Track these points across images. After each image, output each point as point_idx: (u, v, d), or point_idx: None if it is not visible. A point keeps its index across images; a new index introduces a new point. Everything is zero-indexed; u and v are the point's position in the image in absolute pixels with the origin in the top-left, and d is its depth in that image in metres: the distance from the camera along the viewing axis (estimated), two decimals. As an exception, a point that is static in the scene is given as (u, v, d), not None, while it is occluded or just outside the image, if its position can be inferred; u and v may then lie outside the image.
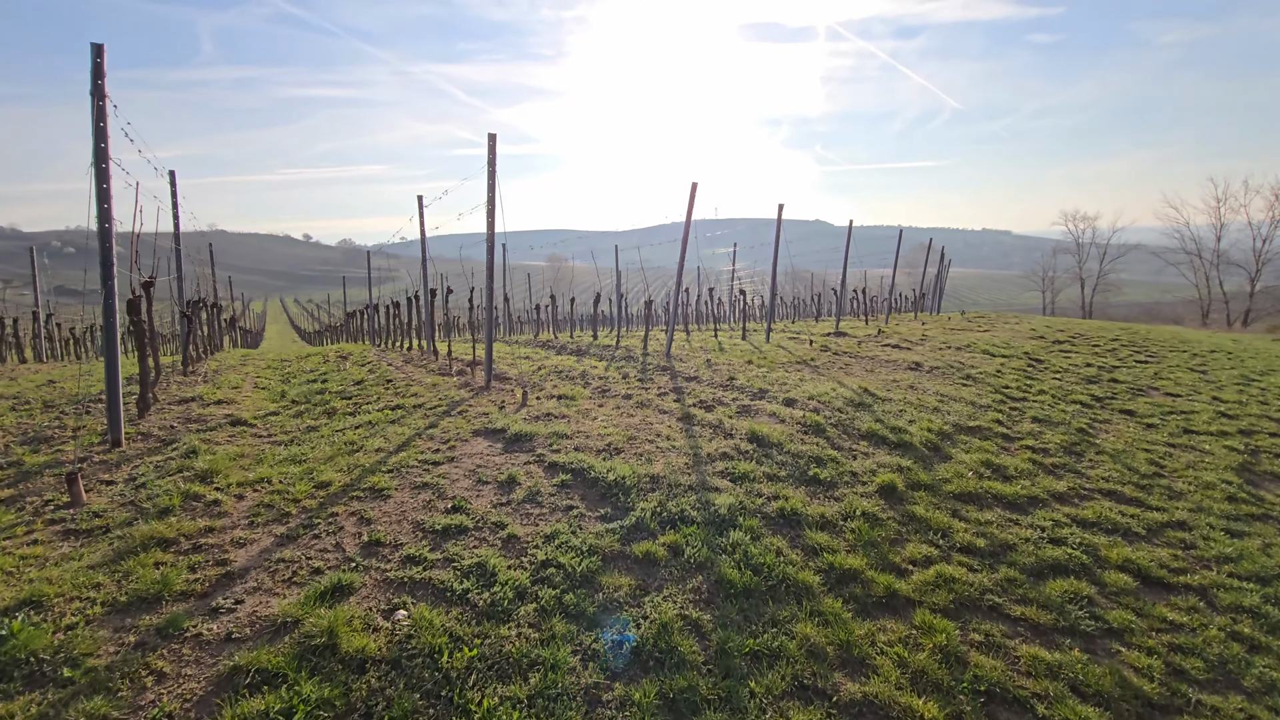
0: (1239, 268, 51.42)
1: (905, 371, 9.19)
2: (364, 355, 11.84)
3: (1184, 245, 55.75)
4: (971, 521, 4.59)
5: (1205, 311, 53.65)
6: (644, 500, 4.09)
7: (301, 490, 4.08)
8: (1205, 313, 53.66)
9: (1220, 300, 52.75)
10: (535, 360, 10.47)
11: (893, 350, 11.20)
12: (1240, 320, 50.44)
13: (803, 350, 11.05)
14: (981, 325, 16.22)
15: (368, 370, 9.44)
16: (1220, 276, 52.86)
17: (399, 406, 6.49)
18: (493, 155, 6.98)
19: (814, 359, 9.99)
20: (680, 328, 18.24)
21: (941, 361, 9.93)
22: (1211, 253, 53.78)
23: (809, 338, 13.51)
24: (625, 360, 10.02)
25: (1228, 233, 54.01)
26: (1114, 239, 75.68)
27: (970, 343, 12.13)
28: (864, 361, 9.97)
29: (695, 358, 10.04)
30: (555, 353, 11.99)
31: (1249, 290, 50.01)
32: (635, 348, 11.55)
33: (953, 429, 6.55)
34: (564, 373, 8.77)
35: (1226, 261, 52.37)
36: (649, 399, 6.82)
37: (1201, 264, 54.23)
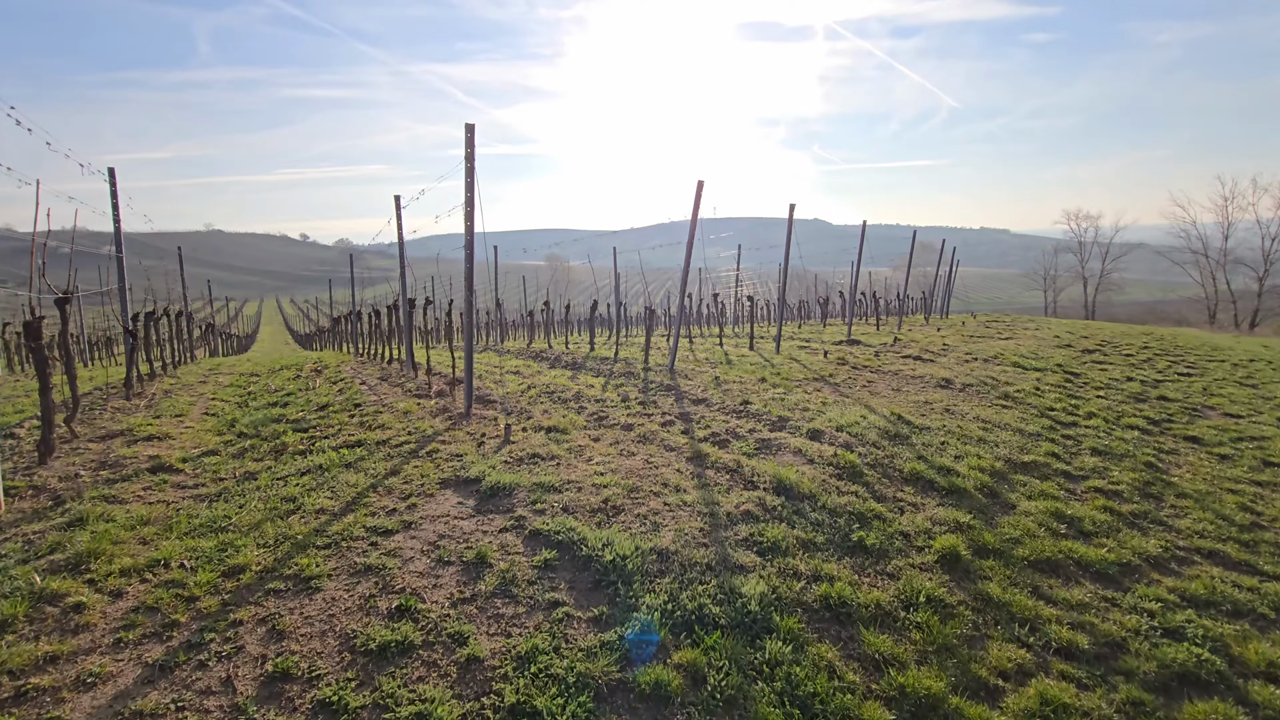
0: (1246, 267, 50.61)
1: (936, 390, 8.26)
2: (339, 369, 10.88)
3: (1190, 244, 54.96)
4: (1061, 604, 3.66)
5: (1212, 312, 52.83)
6: (650, 591, 3.16)
7: (204, 581, 3.13)
8: (1212, 313, 52.85)
9: (1228, 300, 51.93)
10: (525, 376, 9.52)
11: (915, 363, 10.27)
12: (1248, 321, 49.66)
13: (818, 363, 10.12)
14: (1001, 331, 15.31)
15: (338, 390, 8.49)
16: (1227, 276, 52.05)
17: (360, 443, 5.54)
18: (471, 149, 6.04)
19: (832, 374, 9.05)
20: (683, 334, 17.31)
21: (973, 377, 9.00)
22: (1218, 252, 52.98)
23: (821, 347, 12.57)
24: (625, 376, 9.08)
25: (1234, 231, 53.23)
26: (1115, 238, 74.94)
27: (997, 353, 11.21)
28: (887, 377, 9.04)
29: (701, 373, 9.10)
30: (549, 366, 11.05)
31: (1257, 290, 49.20)
32: (635, 360, 10.61)
33: (1006, 466, 5.62)
34: (556, 393, 7.83)
35: (1234, 261, 51.55)
36: (652, 430, 5.88)
37: (1208, 263, 53.43)
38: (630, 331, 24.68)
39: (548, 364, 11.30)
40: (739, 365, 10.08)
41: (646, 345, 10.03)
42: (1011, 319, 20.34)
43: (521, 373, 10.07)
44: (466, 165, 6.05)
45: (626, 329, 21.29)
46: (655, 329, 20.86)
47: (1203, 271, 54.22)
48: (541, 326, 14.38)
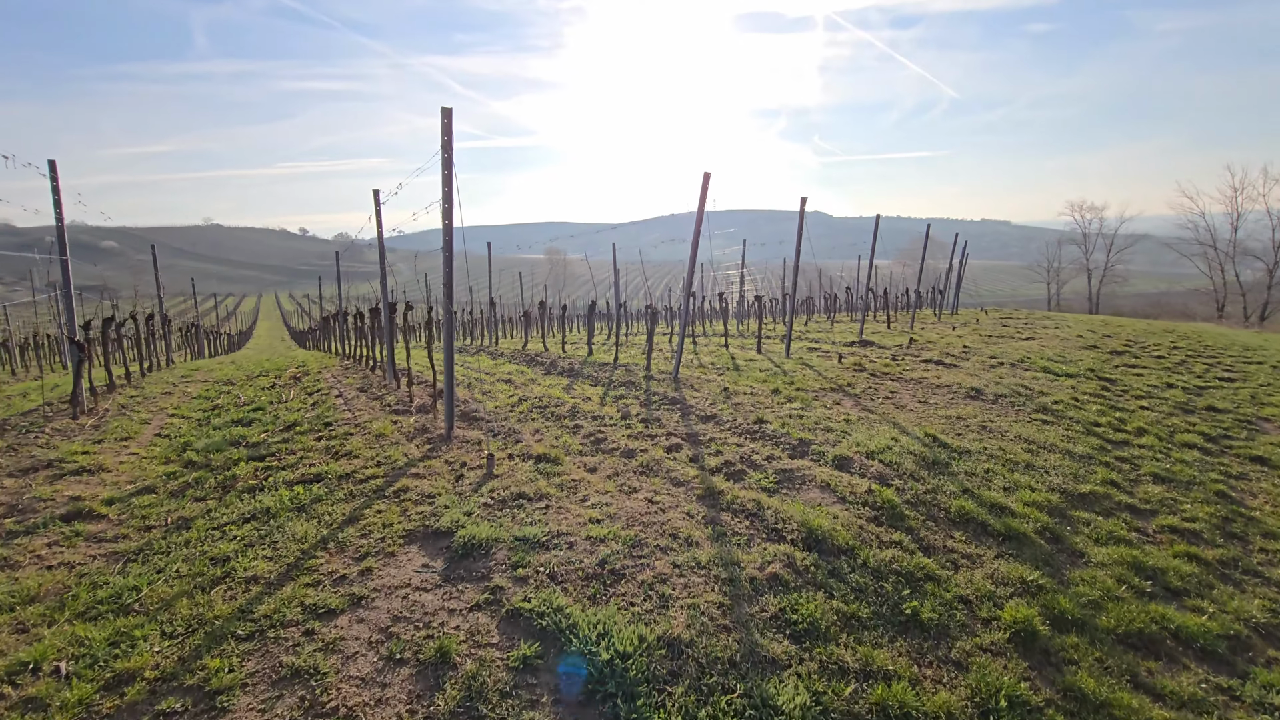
0: (1256, 259, 49.77)
1: (967, 402, 7.53)
2: (319, 377, 10.13)
3: (1198, 236, 54.09)
4: (1169, 699, 2.94)
5: (1220, 305, 52.04)
6: (660, 708, 2.43)
7: (75, 699, 2.40)
8: (1220, 306, 52.06)
9: (1237, 293, 51.11)
10: (517, 386, 8.78)
11: (938, 369, 9.53)
12: (1258, 313, 48.87)
13: (832, 370, 9.38)
14: (1019, 330, 14.55)
15: (311, 404, 7.75)
16: (1236, 268, 51.23)
17: (320, 477, 4.80)
18: (448, 137, 5.27)
19: (850, 383, 8.31)
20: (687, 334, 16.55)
21: (1003, 386, 8.27)
22: (1227, 243, 52.12)
23: (833, 349, 11.84)
24: (625, 386, 8.35)
25: (1243, 223, 52.33)
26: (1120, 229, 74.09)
27: (1022, 356, 10.47)
28: (910, 386, 8.30)
29: (708, 382, 8.37)
30: (544, 373, 10.31)
31: (1266, 282, 48.37)
32: (636, 366, 9.86)
33: (1063, 500, 4.89)
34: (550, 408, 7.10)
35: (1243, 253, 50.71)
36: (656, 459, 5.15)
37: (1216, 255, 52.57)
38: (630, 329, 23.92)
39: (542, 370, 10.56)
40: (748, 372, 9.35)
41: (649, 350, 9.30)
42: (1026, 315, 19.59)
43: (514, 381, 9.33)
44: (443, 156, 5.28)
45: (627, 325, 20.56)
46: (657, 327, 20.07)
47: (1211, 264, 53.39)
48: (538, 325, 13.64)
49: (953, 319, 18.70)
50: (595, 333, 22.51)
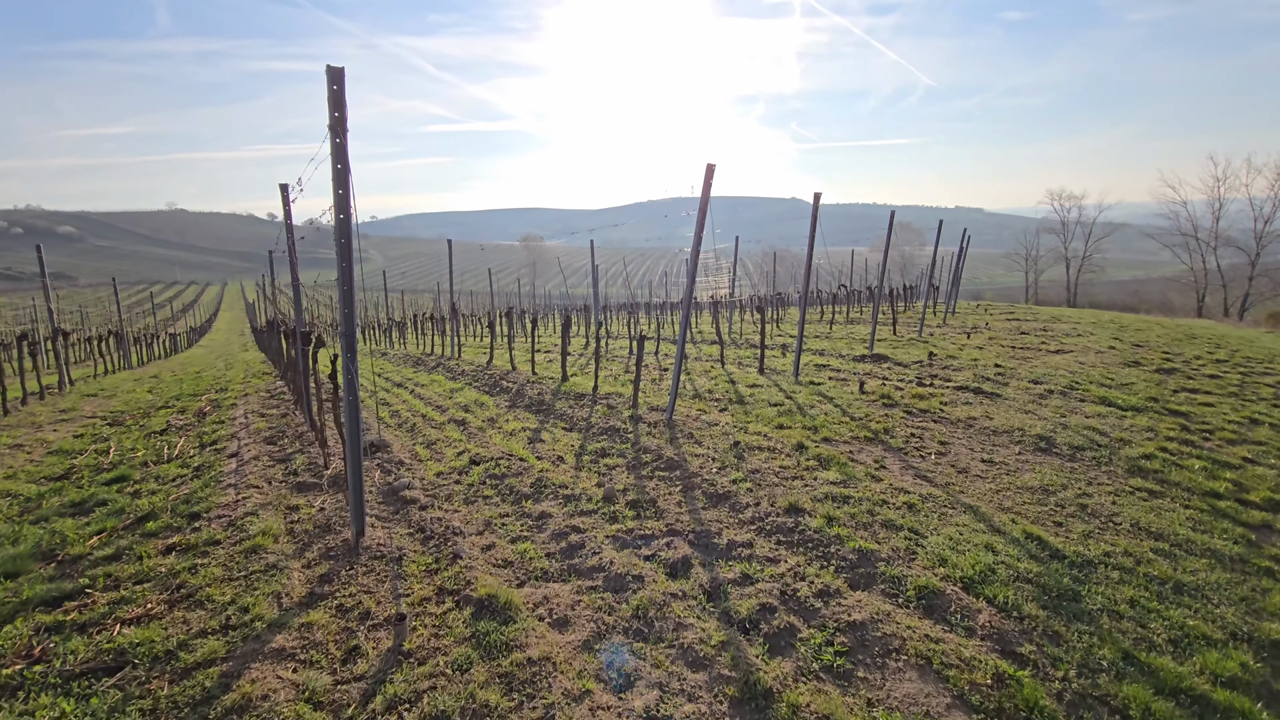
0: (1239, 249, 49.58)
1: (1039, 458, 5.96)
2: (231, 413, 8.24)
3: (1180, 226, 53.83)
4: None
5: (1201, 296, 51.91)
6: None
7: None
8: (1201, 297, 51.94)
9: (1217, 283, 50.96)
10: (471, 433, 7.01)
11: (980, 401, 7.98)
12: (1239, 306, 48.79)
13: (856, 403, 7.78)
14: (1043, 339, 13.13)
15: (195, 469, 5.89)
16: (1218, 259, 51.02)
17: (122, 662, 3.01)
18: (339, 111, 3.45)
19: (888, 429, 6.70)
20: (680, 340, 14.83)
21: (1072, 431, 6.73)
22: (1209, 233, 51.88)
23: (845, 367, 10.26)
24: (607, 435, 6.63)
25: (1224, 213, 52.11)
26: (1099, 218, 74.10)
27: (1070, 382, 8.97)
28: (960, 432, 6.72)
29: (711, 427, 6.69)
30: (507, 404, 8.54)
31: (1249, 274, 48.21)
32: (620, 398, 8.15)
33: (1259, 662, 3.32)
34: (508, 478, 5.37)
35: (1225, 243, 50.50)
36: (656, 597, 3.46)
37: (1198, 245, 52.34)
38: (612, 330, 22.06)
39: (507, 401, 8.78)
40: (755, 407, 7.70)
41: (636, 376, 7.58)
42: (1035, 315, 18.23)
43: (468, 423, 7.55)
44: (333, 142, 3.47)
45: (607, 329, 18.79)
46: (645, 327, 18.22)
47: (1192, 254, 53.17)
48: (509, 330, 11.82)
49: (955, 320, 17.28)
50: (573, 330, 20.52)
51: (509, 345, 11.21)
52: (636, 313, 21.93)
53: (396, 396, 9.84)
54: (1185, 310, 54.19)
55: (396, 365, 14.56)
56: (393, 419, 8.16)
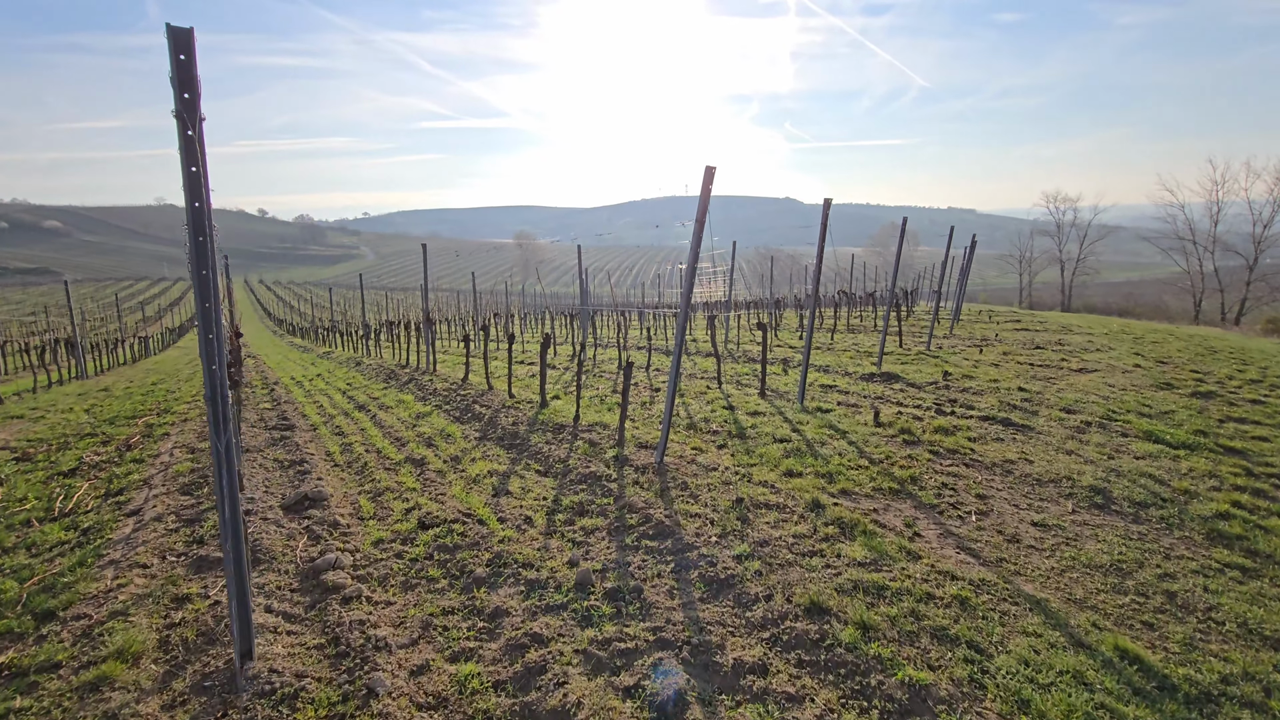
0: (1236, 254, 49.11)
1: (1101, 519, 5.02)
2: (158, 447, 7.17)
3: (1177, 229, 53.34)
4: None
5: (1198, 300, 51.41)
6: None
7: None
8: (1198, 301, 51.44)
9: (1214, 288, 50.44)
10: (428, 479, 5.99)
11: (1012, 436, 7.05)
12: (1235, 310, 48.32)
13: (874, 440, 6.82)
14: (1060, 354, 12.23)
15: (80, 534, 4.85)
16: (1215, 263, 50.52)
17: None
18: (189, 77, 2.44)
19: (915, 477, 5.74)
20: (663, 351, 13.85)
21: (1126, 478, 5.79)
22: (1206, 236, 51.40)
23: (853, 388, 9.31)
24: (586, 484, 5.64)
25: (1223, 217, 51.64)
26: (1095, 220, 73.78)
27: (1106, 412, 8.04)
28: (999, 481, 5.77)
29: (708, 474, 5.72)
30: (477, 436, 7.53)
31: (1246, 278, 47.72)
32: (605, 431, 7.15)
33: None
34: (457, 547, 4.37)
35: (1223, 248, 50.02)
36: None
37: (1195, 249, 51.85)
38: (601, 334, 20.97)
39: (477, 432, 7.77)
40: (759, 442, 6.73)
41: (622, 415, 6.58)
42: (1044, 325, 17.35)
43: (427, 464, 6.53)
44: (182, 139, 2.46)
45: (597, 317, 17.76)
46: (636, 331, 17.17)
47: (1189, 258, 52.68)
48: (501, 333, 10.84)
49: (962, 329, 16.38)
50: (560, 336, 19.29)
51: (485, 362, 10.18)
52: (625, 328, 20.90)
53: (355, 423, 8.80)
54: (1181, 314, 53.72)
55: (368, 379, 13.50)
56: (343, 455, 7.13)
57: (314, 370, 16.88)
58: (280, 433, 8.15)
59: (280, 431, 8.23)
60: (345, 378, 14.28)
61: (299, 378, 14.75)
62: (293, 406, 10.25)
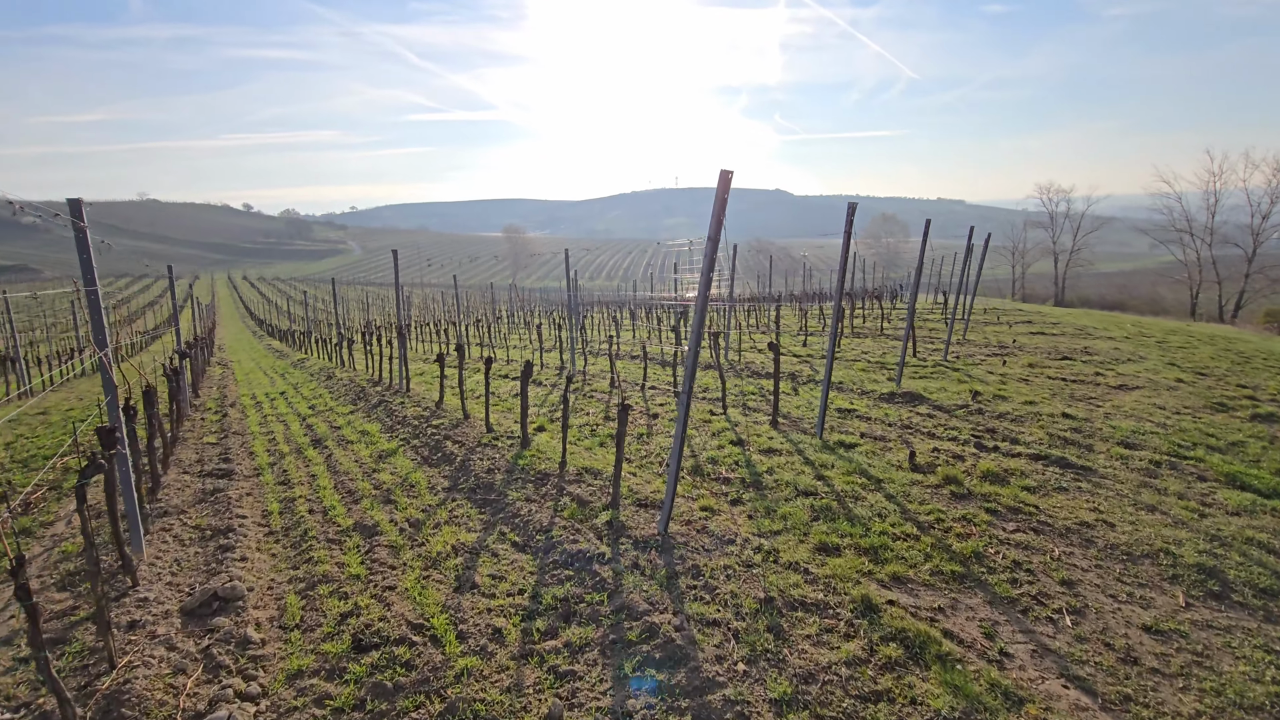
0: (1235, 245, 48.54)
1: (1220, 614, 3.96)
2: (53, 514, 5.95)
3: (1174, 221, 52.73)
4: None
5: (1195, 293, 50.86)
6: None
7: None
8: (1195, 294, 50.90)
9: (1212, 280, 49.87)
10: (374, 560, 4.84)
11: (1073, 482, 5.99)
12: (1234, 303, 47.82)
13: (912, 489, 5.74)
14: (1092, 365, 11.21)
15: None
16: (1213, 254, 49.94)
17: None
18: None
19: (979, 554, 4.65)
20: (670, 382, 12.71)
21: (1237, 555, 4.75)
22: (1204, 229, 50.82)
23: (874, 413, 8.24)
24: (574, 565, 4.51)
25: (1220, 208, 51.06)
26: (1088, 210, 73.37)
27: (1174, 448, 7.00)
28: (1079, 555, 4.70)
29: (722, 545, 4.62)
30: (446, 488, 6.38)
31: (1245, 270, 47.16)
32: (597, 480, 6.03)
33: None
34: (398, 687, 3.24)
35: (1221, 240, 49.46)
36: None
37: (1193, 241, 51.27)
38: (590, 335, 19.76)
39: (446, 481, 6.61)
40: (779, 497, 5.64)
41: (616, 472, 5.46)
42: (1058, 326, 16.36)
43: (381, 532, 5.36)
44: None
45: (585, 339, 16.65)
46: (621, 339, 15.92)
47: (1186, 250, 52.10)
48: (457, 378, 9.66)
49: (974, 334, 15.35)
50: (548, 341, 17.98)
51: (461, 388, 9.01)
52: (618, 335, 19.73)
53: (306, 467, 7.62)
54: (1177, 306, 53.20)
55: (335, 398, 12.29)
56: (282, 516, 5.96)
57: (281, 384, 15.63)
58: (215, 481, 6.96)
59: (215, 479, 7.04)
60: (311, 395, 13.05)
61: (260, 397, 13.51)
62: (241, 441, 9.05)
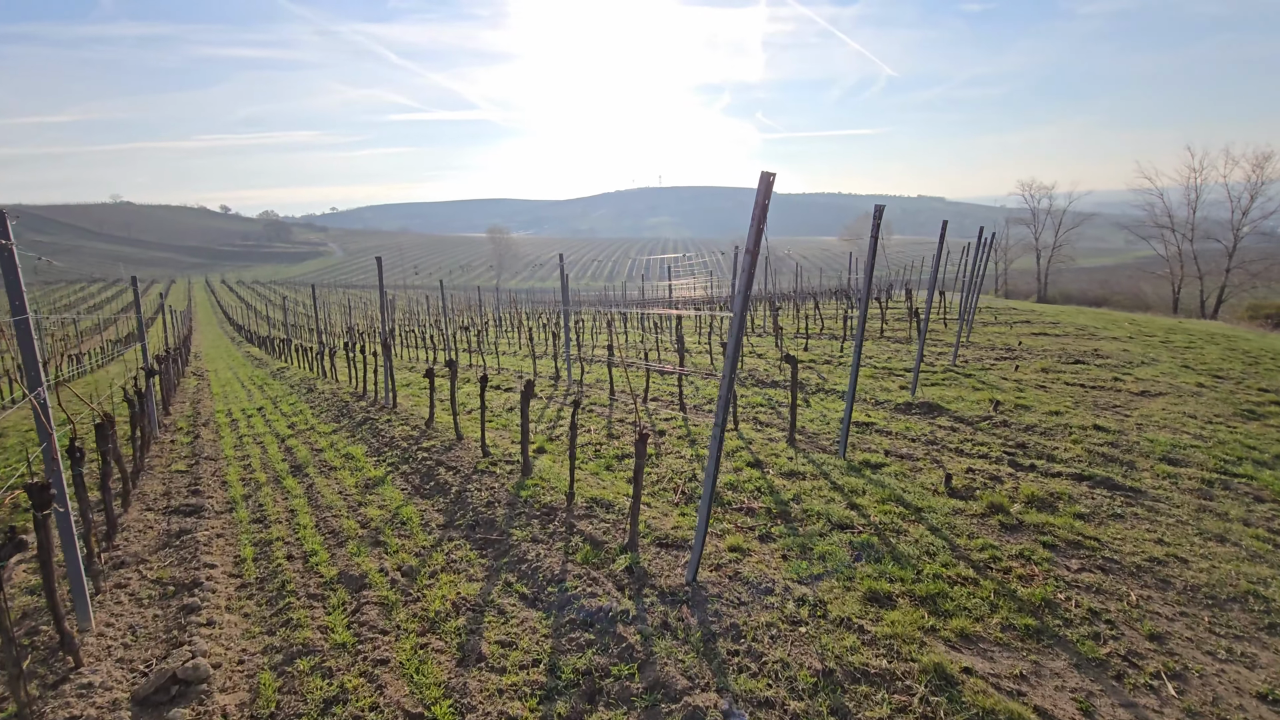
0: (1216, 241, 49.09)
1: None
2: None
3: (1155, 218, 53.24)
4: None
5: (1177, 288, 51.35)
6: None
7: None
8: (1177, 289, 51.39)
9: (1193, 275, 50.34)
10: (362, 623, 4.20)
11: (1125, 507, 5.52)
12: (1215, 297, 48.34)
13: (956, 520, 5.24)
14: (1105, 369, 10.84)
15: None
16: (1195, 249, 50.45)
17: None
18: None
19: (1048, 602, 4.14)
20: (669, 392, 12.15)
21: (1323, 588, 4.29)
22: (1185, 224, 51.33)
23: (894, 427, 7.75)
24: (594, 627, 3.93)
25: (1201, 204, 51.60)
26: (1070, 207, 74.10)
27: (1219, 462, 6.57)
28: (1156, 599, 4.21)
29: (760, 595, 4.07)
30: (442, 525, 5.75)
31: (1225, 265, 47.67)
32: (609, 512, 5.45)
33: None
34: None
35: (1203, 235, 49.98)
36: None
37: (1175, 237, 51.78)
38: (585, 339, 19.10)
39: (442, 516, 5.98)
40: (811, 531, 5.11)
41: (634, 508, 4.88)
42: (1058, 325, 16.05)
43: (370, 586, 4.72)
44: None
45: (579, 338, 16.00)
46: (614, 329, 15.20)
47: (1168, 245, 52.60)
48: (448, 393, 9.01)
49: (978, 336, 14.98)
50: (540, 348, 17.11)
51: (454, 407, 8.37)
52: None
53: (285, 500, 6.94)
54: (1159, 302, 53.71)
55: (317, 415, 11.57)
56: (257, 564, 5.29)
57: (259, 398, 14.82)
58: (182, 520, 6.26)
59: (183, 517, 6.34)
60: (291, 411, 12.30)
61: (236, 413, 12.72)
62: (214, 467, 8.32)
